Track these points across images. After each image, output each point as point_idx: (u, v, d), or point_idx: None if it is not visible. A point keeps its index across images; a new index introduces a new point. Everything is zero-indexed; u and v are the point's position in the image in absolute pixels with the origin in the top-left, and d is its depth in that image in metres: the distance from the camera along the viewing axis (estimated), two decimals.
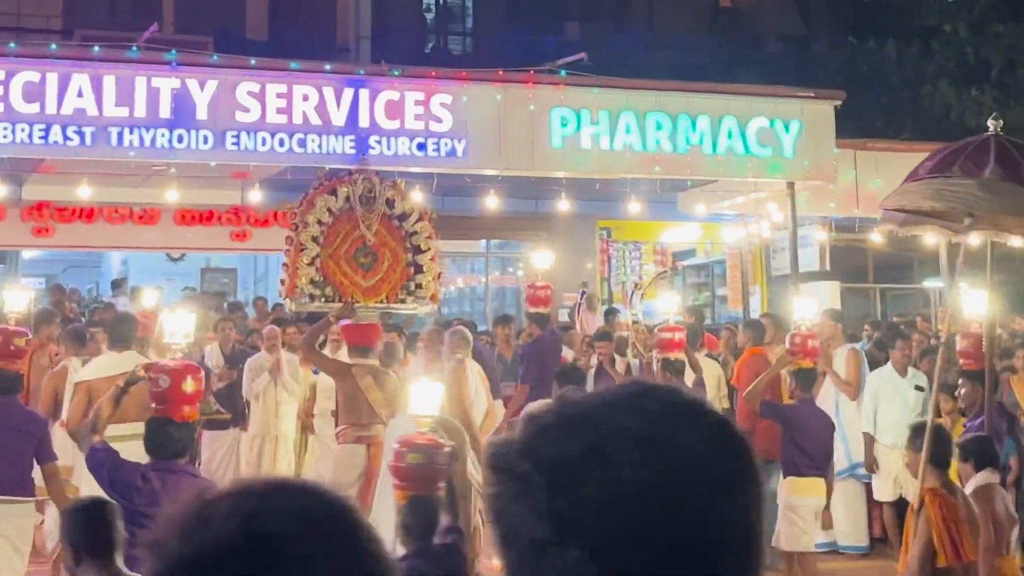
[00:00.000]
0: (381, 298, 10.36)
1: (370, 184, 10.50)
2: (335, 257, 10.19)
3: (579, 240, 22.27)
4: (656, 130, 17.13)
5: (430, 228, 10.71)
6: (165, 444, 6.58)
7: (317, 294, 10.14)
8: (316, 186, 10.49)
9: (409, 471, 6.33)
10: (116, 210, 19.51)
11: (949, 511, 6.20)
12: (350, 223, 10.26)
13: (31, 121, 14.38)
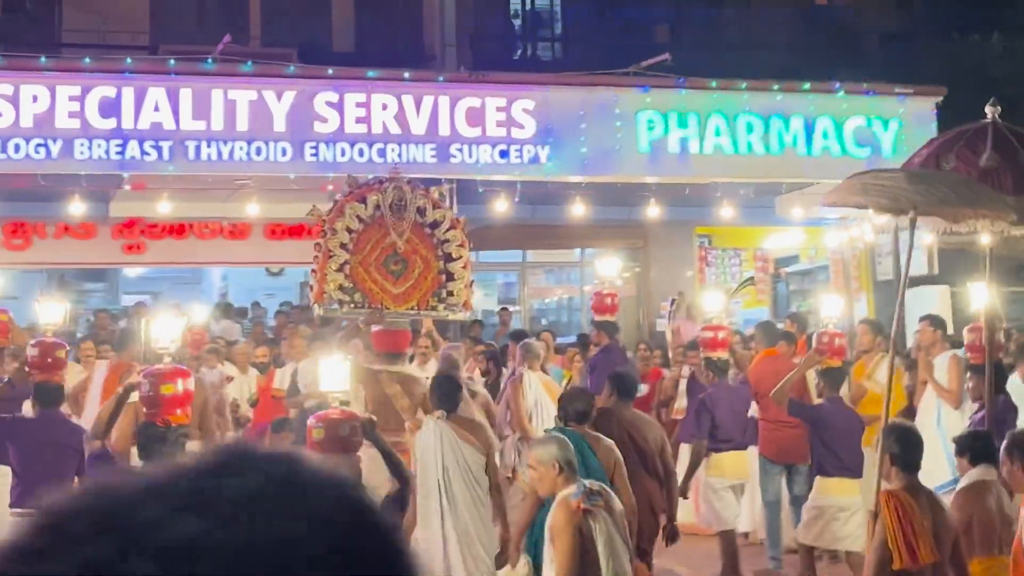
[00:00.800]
0: (412, 305, 10.19)
1: (400, 192, 10.30)
2: (365, 264, 10.04)
3: (676, 248, 21.75)
4: (747, 132, 16.59)
5: (462, 236, 10.50)
6: (154, 448, 6.52)
7: (346, 300, 9.97)
8: (346, 194, 10.32)
9: (318, 444, 6.48)
10: (207, 225, 19.48)
11: (904, 513, 6.07)
12: (381, 230, 10.11)
13: (108, 136, 14.36)
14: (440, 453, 8.15)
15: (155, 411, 6.69)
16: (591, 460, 7.59)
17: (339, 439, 6.58)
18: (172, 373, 6.82)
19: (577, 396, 8.42)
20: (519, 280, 22.63)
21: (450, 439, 8.21)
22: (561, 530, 6.42)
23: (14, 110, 14.06)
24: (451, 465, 8.14)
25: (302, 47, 17.78)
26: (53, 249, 19.12)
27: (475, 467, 8.19)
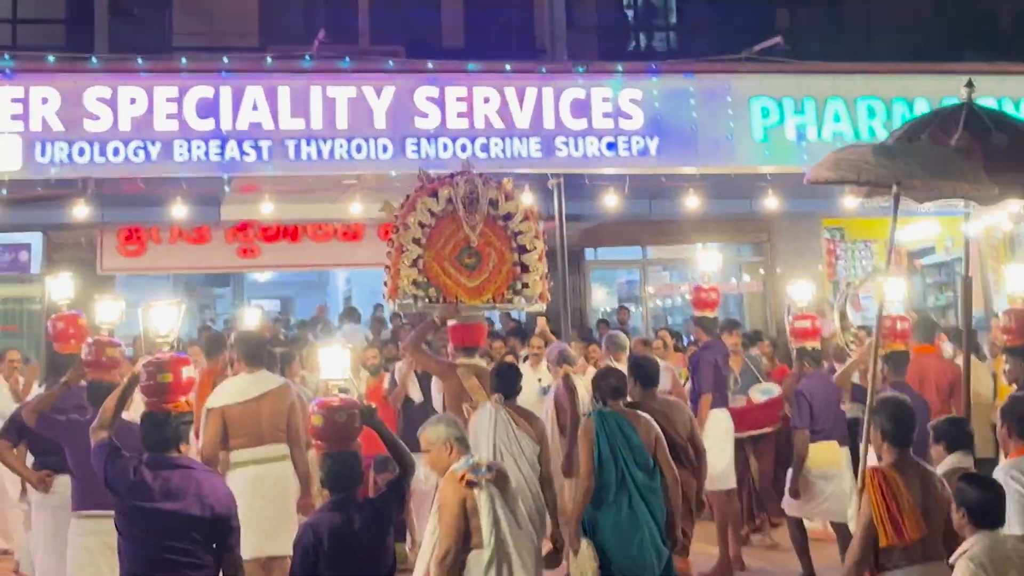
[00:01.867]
0: (487, 298, 9.85)
1: (472, 185, 9.97)
2: (438, 258, 9.75)
3: (803, 241, 21.00)
4: (869, 117, 15.83)
5: (536, 228, 10.09)
6: (154, 436, 6.42)
7: (420, 295, 9.70)
8: (417, 188, 10.02)
9: (317, 431, 6.63)
10: (320, 227, 19.36)
11: (889, 489, 6.10)
12: (453, 224, 9.82)
13: (206, 137, 14.22)
14: (493, 435, 8.25)
15: (156, 400, 6.51)
16: (633, 438, 7.83)
17: (338, 426, 6.63)
18: (173, 362, 6.62)
19: (609, 374, 8.43)
20: (640, 278, 22.06)
21: (504, 423, 8.30)
22: (446, 502, 6.85)
23: (112, 113, 13.99)
24: (504, 448, 8.19)
25: (410, 44, 17.48)
26: (168, 254, 19.20)
27: (529, 454, 8.22)
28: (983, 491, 5.65)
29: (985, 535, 5.56)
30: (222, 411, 9.02)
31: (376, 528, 6.44)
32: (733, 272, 21.64)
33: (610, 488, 7.80)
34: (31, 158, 13.76)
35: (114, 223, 18.29)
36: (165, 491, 6.24)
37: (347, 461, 6.52)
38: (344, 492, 6.47)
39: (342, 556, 6.26)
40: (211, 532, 6.28)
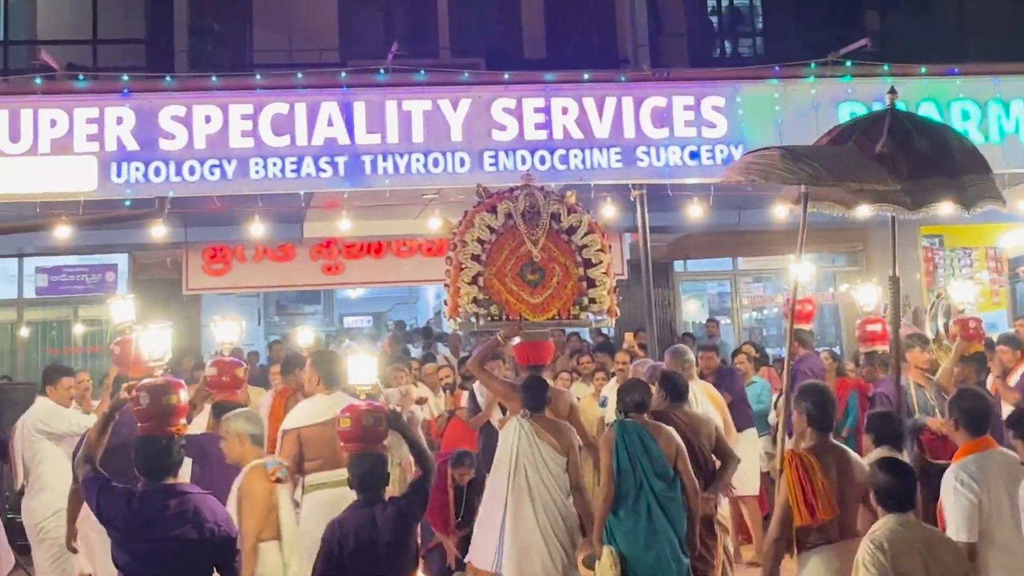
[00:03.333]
0: (552, 314, 9.59)
1: (532, 199, 9.73)
2: (500, 275, 9.52)
3: (900, 250, 20.23)
4: (963, 120, 15.27)
5: (601, 240, 9.77)
6: (154, 462, 6.39)
7: (482, 313, 9.48)
8: (475, 205, 9.83)
9: (346, 434, 7.12)
10: (404, 243, 19.23)
11: (805, 472, 6.44)
12: (515, 240, 9.60)
13: (282, 155, 14.12)
14: (516, 449, 8.60)
15: (153, 424, 6.48)
16: (652, 448, 8.01)
17: (365, 429, 7.09)
18: (171, 385, 6.65)
19: (634, 387, 8.48)
20: (731, 289, 21.62)
21: (529, 437, 8.64)
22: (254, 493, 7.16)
23: (187, 132, 13.96)
24: (527, 462, 8.55)
25: (490, 56, 17.31)
26: (253, 272, 19.19)
27: (553, 466, 8.55)
28: (893, 476, 5.81)
29: (892, 518, 5.71)
30: (298, 432, 8.84)
31: (399, 526, 6.72)
32: (828, 282, 21.12)
33: (628, 496, 7.98)
34: (107, 179, 13.76)
35: (198, 242, 18.33)
36: (163, 520, 6.14)
37: (374, 462, 6.94)
38: (370, 492, 6.84)
39: (365, 552, 6.57)
40: (212, 556, 6.22)
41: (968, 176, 8.18)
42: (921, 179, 7.99)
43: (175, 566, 6.10)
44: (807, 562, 6.62)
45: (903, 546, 5.57)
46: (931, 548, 5.64)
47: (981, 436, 6.60)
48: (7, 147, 13.73)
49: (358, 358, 7.91)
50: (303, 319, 27.96)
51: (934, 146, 8.19)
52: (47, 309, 19.06)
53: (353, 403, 7.39)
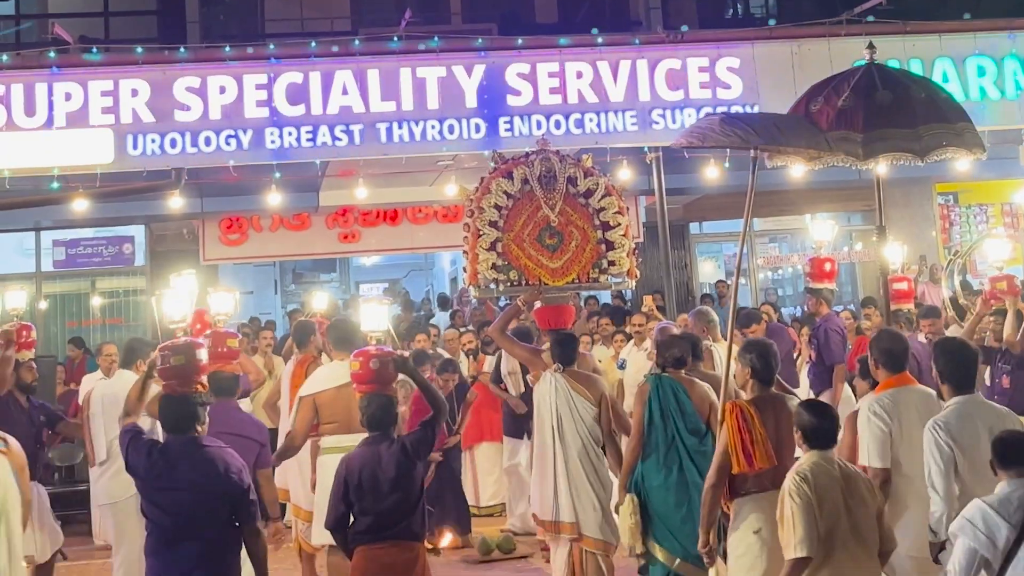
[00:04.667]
0: (571, 278, 9.57)
1: (549, 164, 9.69)
2: (518, 240, 9.49)
3: (915, 207, 20.38)
4: (979, 76, 15.20)
5: (619, 203, 9.72)
6: (172, 417, 6.69)
7: (501, 279, 9.47)
8: (491, 171, 9.78)
9: (357, 375, 7.52)
10: (420, 210, 19.24)
11: (745, 422, 6.73)
12: (532, 205, 9.56)
13: (297, 124, 14.12)
14: (554, 402, 8.84)
15: (176, 382, 6.78)
16: (686, 404, 8.10)
17: (375, 372, 7.42)
18: (192, 345, 6.93)
19: (673, 343, 8.47)
20: (748, 250, 21.58)
21: (564, 390, 8.84)
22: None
23: (202, 103, 13.96)
24: (564, 414, 8.81)
25: (502, 21, 17.24)
26: (270, 242, 19.25)
27: (587, 417, 8.82)
28: (816, 416, 6.09)
29: (815, 454, 6.02)
30: (314, 398, 8.92)
31: (404, 463, 7.03)
32: (844, 241, 21.08)
33: (659, 449, 8.09)
34: (123, 151, 13.78)
35: (215, 213, 18.36)
36: (180, 470, 6.45)
37: (382, 403, 7.27)
38: (380, 430, 7.16)
39: (372, 485, 6.93)
40: (226, 504, 6.48)
41: (925, 126, 8.38)
42: (874, 130, 8.27)
43: (192, 513, 6.40)
44: (741, 508, 6.92)
45: (825, 479, 5.91)
46: (848, 481, 5.98)
47: (899, 373, 6.94)
48: (23, 121, 13.76)
49: (370, 306, 8.23)
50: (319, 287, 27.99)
51: (896, 99, 8.43)
52: (65, 282, 19.13)
53: (364, 348, 7.69)
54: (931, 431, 6.23)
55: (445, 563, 10.83)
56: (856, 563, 5.90)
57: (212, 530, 6.43)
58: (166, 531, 6.43)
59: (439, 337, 15.53)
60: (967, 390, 6.46)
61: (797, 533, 5.82)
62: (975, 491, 5.98)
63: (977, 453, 6.15)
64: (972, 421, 6.26)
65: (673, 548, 7.91)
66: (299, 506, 10.23)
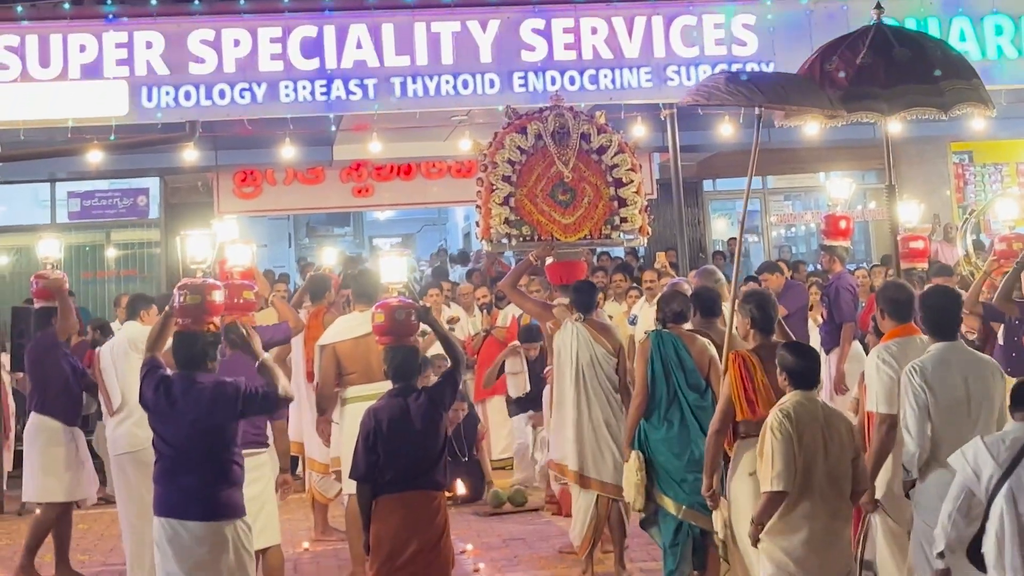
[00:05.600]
0: (584, 234, 9.69)
1: (562, 120, 9.78)
2: (531, 195, 9.60)
3: (929, 166, 20.31)
4: (996, 34, 15.13)
5: (632, 160, 9.80)
6: (183, 354, 6.84)
7: (514, 233, 9.59)
8: (505, 126, 9.85)
9: (380, 327, 7.66)
10: (433, 164, 19.23)
11: (747, 371, 6.96)
12: (545, 161, 9.66)
13: (312, 77, 14.13)
14: (575, 350, 9.01)
15: (190, 320, 6.90)
16: (687, 360, 8.19)
17: (398, 323, 7.58)
18: (207, 286, 7.03)
19: (673, 298, 8.57)
20: (761, 207, 21.57)
21: (585, 338, 9.02)
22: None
23: (217, 55, 13.97)
24: (585, 361, 9.00)
25: None
26: (284, 195, 19.28)
27: (606, 365, 9.05)
28: (798, 357, 6.35)
29: (798, 393, 6.26)
30: (334, 347, 8.99)
31: (429, 414, 7.12)
32: (859, 200, 21.03)
33: (661, 405, 8.20)
34: (137, 103, 13.81)
35: (229, 166, 18.38)
36: (179, 405, 6.61)
37: (407, 354, 7.36)
38: (405, 381, 7.24)
39: (398, 436, 7.02)
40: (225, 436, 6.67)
41: (947, 81, 8.42)
42: (897, 86, 8.31)
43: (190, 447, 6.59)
44: (738, 452, 7.17)
45: (806, 417, 6.14)
46: (829, 421, 6.22)
47: (905, 323, 7.01)
48: (37, 72, 13.78)
49: (390, 259, 8.44)
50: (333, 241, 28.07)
51: (914, 55, 8.48)
52: (80, 233, 19.17)
53: (386, 300, 7.85)
54: (907, 375, 6.34)
55: (456, 515, 10.92)
56: (828, 502, 6.13)
57: (210, 464, 6.58)
58: (169, 462, 6.64)
59: (452, 291, 15.61)
60: (948, 337, 6.52)
61: (775, 467, 6.06)
62: (945, 435, 6.21)
63: (951, 399, 6.29)
64: (949, 367, 6.35)
65: (678, 496, 8.05)
66: (314, 458, 10.33)
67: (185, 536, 6.49)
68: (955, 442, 6.03)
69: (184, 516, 6.52)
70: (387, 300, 7.83)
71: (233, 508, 6.63)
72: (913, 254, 10.95)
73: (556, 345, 9.22)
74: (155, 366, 6.83)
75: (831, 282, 11.90)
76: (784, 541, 6.14)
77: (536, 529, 10.87)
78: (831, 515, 6.13)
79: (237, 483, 6.70)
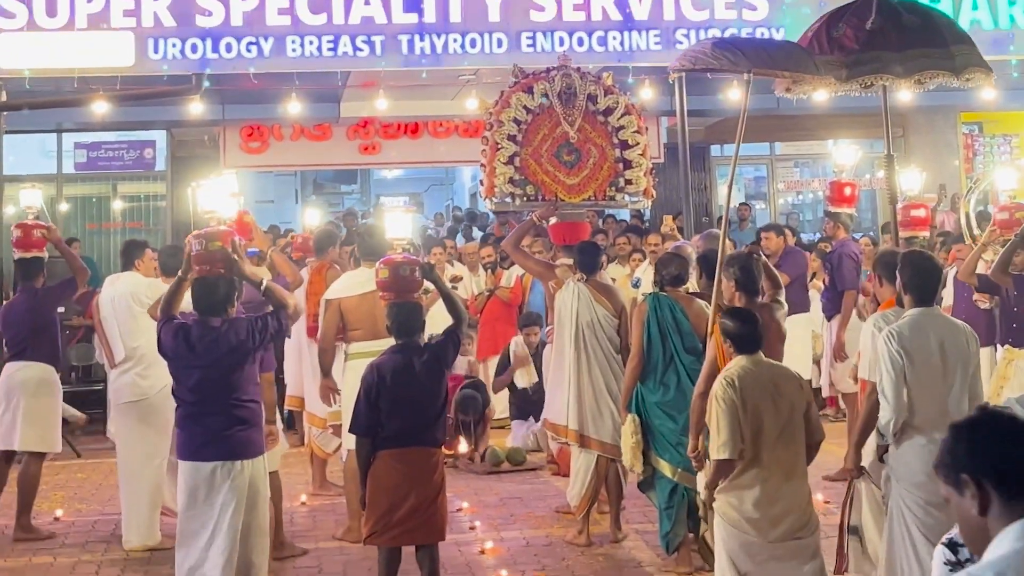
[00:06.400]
0: (588, 195, 9.65)
1: (569, 80, 9.72)
2: (536, 155, 9.55)
3: (939, 135, 20.24)
4: (1010, 5, 15.06)
5: (637, 122, 9.74)
6: (204, 300, 7.00)
7: (518, 193, 9.55)
8: (512, 85, 9.80)
9: (384, 283, 7.75)
10: (441, 124, 19.18)
11: None
12: (551, 121, 9.61)
13: (319, 33, 14.07)
14: (575, 310, 8.98)
15: (206, 268, 7.04)
16: (683, 323, 8.22)
17: (401, 279, 7.67)
18: (220, 233, 7.15)
19: (671, 261, 8.57)
20: (768, 174, 21.52)
21: (586, 299, 8.98)
22: None
23: (224, 8, 13.92)
24: (585, 322, 8.96)
25: None
26: (290, 151, 19.22)
27: (607, 326, 9.00)
28: (739, 322, 6.42)
29: (742, 358, 6.32)
30: (339, 302, 8.98)
31: (432, 369, 7.17)
32: (866, 168, 20.95)
33: (658, 368, 8.22)
34: (143, 54, 13.78)
35: (235, 120, 18.35)
36: (197, 351, 6.81)
37: (411, 310, 7.38)
38: (408, 337, 7.24)
39: (401, 392, 7.02)
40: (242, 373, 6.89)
41: (956, 46, 8.43)
42: (909, 49, 8.28)
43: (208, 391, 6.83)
44: None
45: (751, 381, 6.19)
46: (775, 382, 6.29)
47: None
48: (44, 22, 13.74)
49: (394, 214, 8.45)
50: (340, 199, 28.08)
51: (923, 21, 8.47)
52: (86, 185, 19.18)
53: (389, 256, 7.87)
54: (885, 341, 6.30)
55: (453, 473, 10.96)
56: (781, 462, 6.20)
57: (231, 405, 6.82)
58: (190, 407, 6.87)
59: (455, 251, 15.62)
60: (927, 303, 6.47)
61: (721, 436, 6.12)
62: (920, 400, 6.19)
63: (926, 364, 6.25)
64: (925, 333, 6.32)
65: (674, 459, 8.07)
66: (314, 413, 10.34)
67: (209, 477, 6.75)
68: (929, 408, 6.12)
69: (207, 458, 6.77)
70: (391, 256, 7.85)
71: (253, 447, 6.91)
72: (915, 222, 10.88)
73: (557, 305, 9.23)
74: (171, 319, 6.99)
75: (834, 249, 11.86)
76: (736, 501, 6.20)
77: (533, 488, 10.87)
78: (785, 474, 6.19)
79: (256, 423, 6.95)
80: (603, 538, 8.97)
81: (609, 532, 9.00)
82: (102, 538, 9.42)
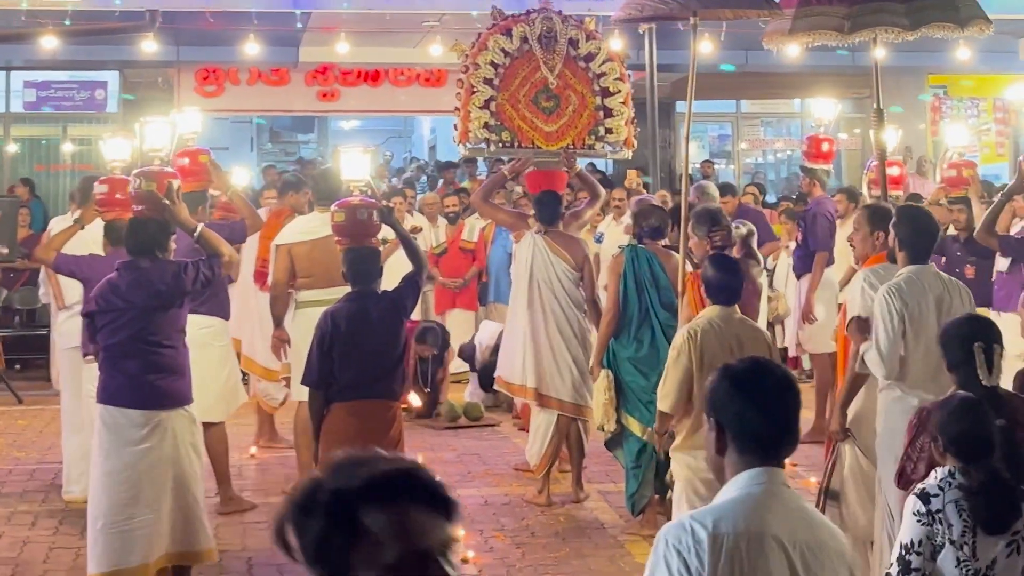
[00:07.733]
0: (566, 143, 9.29)
1: (550, 24, 9.38)
2: (513, 100, 9.19)
3: (906, 97, 19.99)
4: None
5: (621, 69, 9.45)
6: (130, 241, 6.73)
7: (493, 139, 9.19)
8: (490, 27, 9.44)
9: (340, 227, 7.38)
10: (402, 72, 18.79)
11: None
12: (530, 65, 9.26)
13: None
14: (531, 263, 8.69)
15: (143, 208, 6.80)
16: (661, 277, 7.95)
17: (359, 223, 7.33)
18: (162, 173, 6.91)
19: (651, 213, 8.34)
20: (733, 132, 21.27)
21: (543, 252, 8.67)
22: None
23: None
24: (541, 276, 8.67)
25: None
26: (247, 96, 18.82)
27: (565, 280, 8.69)
28: (720, 271, 6.23)
29: (714, 308, 6.23)
30: (289, 248, 8.70)
31: (390, 316, 6.93)
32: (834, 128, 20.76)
33: (632, 323, 8.00)
34: None
35: (191, 62, 17.94)
36: (123, 291, 6.52)
37: (367, 256, 7.11)
38: (364, 284, 6.96)
39: (356, 341, 6.76)
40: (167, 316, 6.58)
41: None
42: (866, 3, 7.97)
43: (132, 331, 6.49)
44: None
45: (712, 336, 6.08)
46: (741, 341, 6.13)
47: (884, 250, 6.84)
48: None
49: (351, 154, 8.00)
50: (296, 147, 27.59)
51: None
52: (35, 125, 18.74)
53: (346, 199, 7.56)
54: (885, 297, 6.10)
55: (410, 427, 10.66)
56: None
57: (153, 351, 6.50)
58: (113, 349, 6.53)
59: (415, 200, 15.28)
60: (922, 260, 6.28)
61: (665, 386, 6.17)
62: (914, 358, 6.04)
63: (922, 322, 6.09)
64: (923, 290, 6.15)
65: (643, 417, 7.80)
66: (254, 360, 10.00)
67: (124, 423, 6.42)
68: (922, 365, 5.99)
69: (124, 404, 6.43)
70: (348, 199, 7.52)
71: (174, 397, 6.55)
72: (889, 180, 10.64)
73: (515, 256, 9.03)
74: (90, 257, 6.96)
75: (809, 207, 11.56)
76: (690, 458, 6.09)
77: (491, 445, 10.63)
78: None
79: (180, 372, 6.60)
80: (564, 498, 8.74)
81: (571, 492, 8.76)
82: (40, 487, 9.12)
